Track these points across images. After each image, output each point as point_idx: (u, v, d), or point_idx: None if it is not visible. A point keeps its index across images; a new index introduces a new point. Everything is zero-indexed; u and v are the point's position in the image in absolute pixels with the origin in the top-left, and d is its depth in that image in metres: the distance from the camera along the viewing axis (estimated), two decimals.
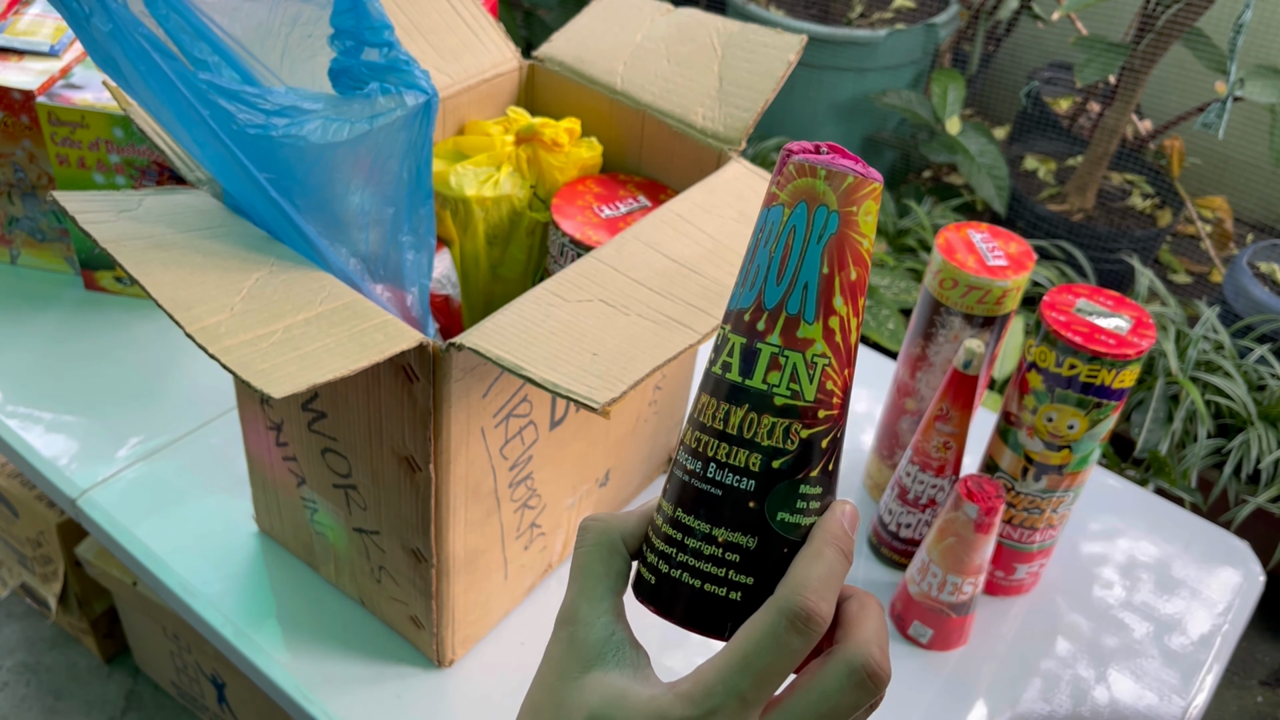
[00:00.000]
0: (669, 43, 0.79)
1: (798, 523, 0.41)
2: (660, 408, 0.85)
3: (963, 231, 0.82)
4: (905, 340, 0.86)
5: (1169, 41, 1.95)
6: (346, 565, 0.77)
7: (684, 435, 0.42)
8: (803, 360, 0.40)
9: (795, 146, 0.41)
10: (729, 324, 0.41)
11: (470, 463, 0.65)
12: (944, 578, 0.77)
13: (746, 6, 2.30)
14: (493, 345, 0.55)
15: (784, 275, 0.40)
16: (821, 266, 0.40)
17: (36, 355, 0.97)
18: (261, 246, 0.59)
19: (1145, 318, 0.74)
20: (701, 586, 0.41)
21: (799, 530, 0.41)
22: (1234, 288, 1.97)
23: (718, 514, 0.40)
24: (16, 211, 1.03)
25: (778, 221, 0.40)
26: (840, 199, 0.40)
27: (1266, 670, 1.78)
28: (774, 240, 0.40)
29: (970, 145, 2.13)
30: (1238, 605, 0.89)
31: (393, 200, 0.63)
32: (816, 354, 0.40)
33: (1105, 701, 0.80)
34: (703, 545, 0.41)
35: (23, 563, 1.46)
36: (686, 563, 0.41)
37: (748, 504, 0.40)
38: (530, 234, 0.80)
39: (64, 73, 0.98)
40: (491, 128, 0.78)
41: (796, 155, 0.41)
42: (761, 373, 0.40)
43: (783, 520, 0.40)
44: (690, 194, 0.68)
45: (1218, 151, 2.29)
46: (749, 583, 0.41)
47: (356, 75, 0.59)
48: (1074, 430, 0.75)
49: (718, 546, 0.40)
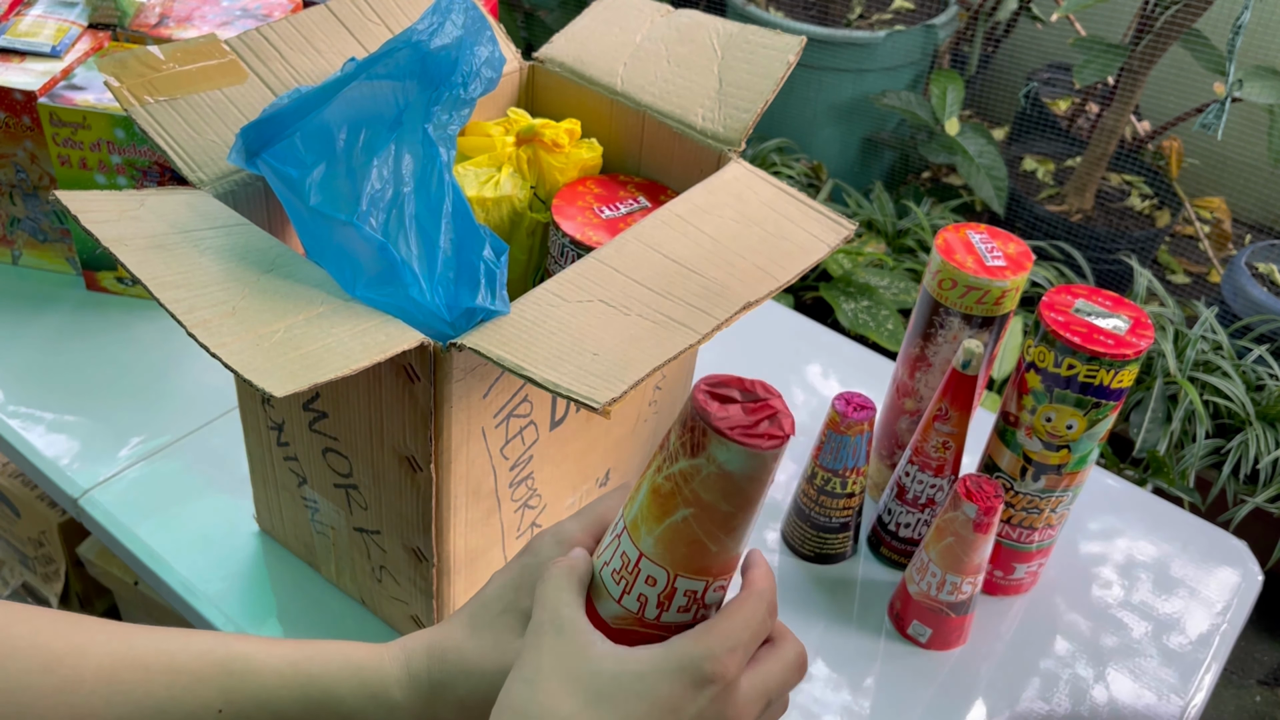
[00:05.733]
0: (669, 44, 0.79)
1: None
2: (660, 408, 0.85)
3: (961, 232, 0.82)
4: (904, 340, 0.87)
5: (1167, 42, 1.96)
6: (347, 565, 0.77)
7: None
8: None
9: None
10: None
11: (471, 462, 0.65)
12: (943, 577, 0.77)
13: (746, 8, 2.30)
14: (493, 345, 0.55)
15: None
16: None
17: (38, 355, 0.97)
18: (263, 246, 0.59)
19: (1143, 318, 0.74)
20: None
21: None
22: (1232, 288, 1.97)
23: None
24: (18, 212, 1.03)
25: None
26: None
27: (1265, 670, 1.79)
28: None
29: (969, 146, 2.13)
30: (1236, 605, 0.89)
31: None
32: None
33: (1104, 701, 0.80)
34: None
35: (24, 562, 1.47)
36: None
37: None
38: (531, 235, 0.81)
39: (65, 74, 0.98)
40: (492, 128, 0.79)
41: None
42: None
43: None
44: (690, 195, 0.69)
45: (1216, 152, 2.30)
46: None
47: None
48: (1072, 430, 0.75)
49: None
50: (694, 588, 0.44)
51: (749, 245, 0.65)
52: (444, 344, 0.57)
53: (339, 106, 0.60)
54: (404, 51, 0.62)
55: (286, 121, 0.61)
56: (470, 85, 0.63)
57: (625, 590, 0.45)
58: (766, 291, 0.62)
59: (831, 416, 0.80)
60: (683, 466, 0.42)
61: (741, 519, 0.43)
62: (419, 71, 0.62)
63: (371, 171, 0.59)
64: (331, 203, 0.59)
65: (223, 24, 1.05)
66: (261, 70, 0.70)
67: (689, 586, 0.44)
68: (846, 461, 0.81)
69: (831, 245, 0.67)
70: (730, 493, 0.42)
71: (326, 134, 0.60)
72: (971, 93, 2.52)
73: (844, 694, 0.79)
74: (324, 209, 0.58)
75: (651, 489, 0.44)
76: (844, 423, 0.80)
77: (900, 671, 0.80)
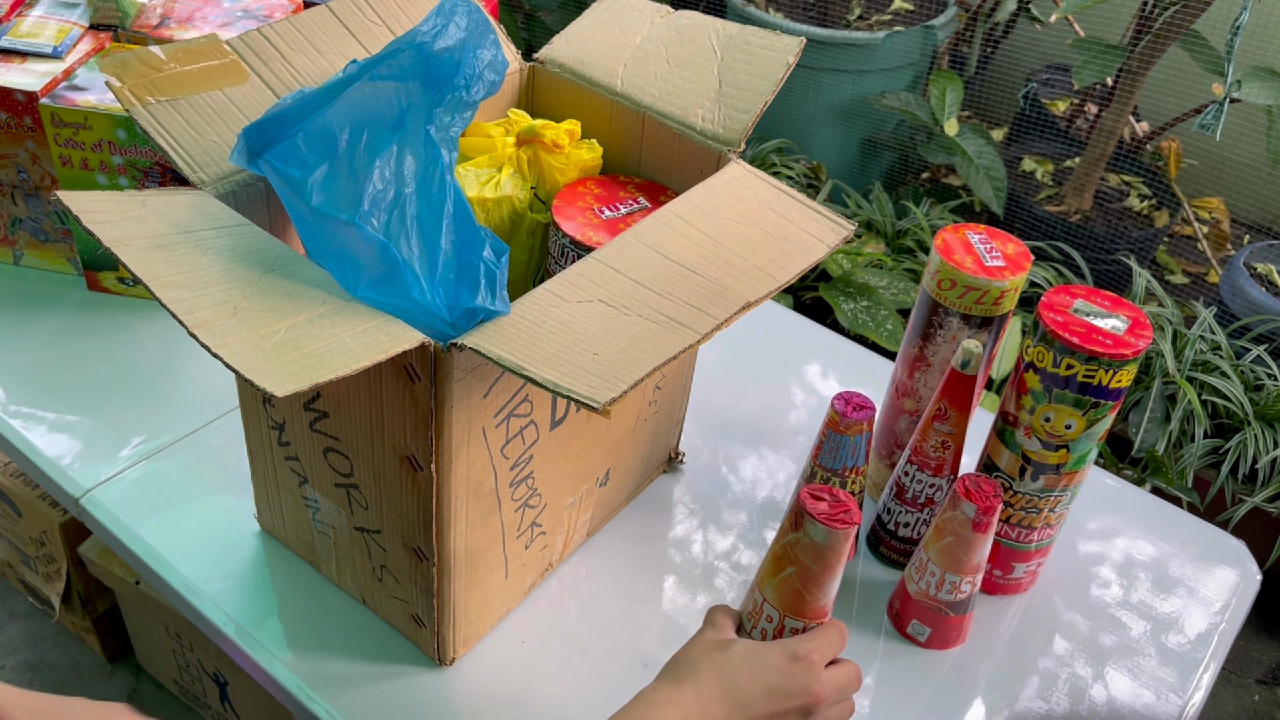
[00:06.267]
0: (669, 45, 0.80)
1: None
2: (660, 408, 0.85)
3: (960, 232, 0.82)
4: (903, 340, 0.87)
5: (1166, 43, 1.96)
6: (348, 564, 0.77)
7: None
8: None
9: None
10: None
11: (471, 462, 0.65)
12: (942, 576, 0.78)
13: (745, 9, 2.30)
14: (494, 345, 0.56)
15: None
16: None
17: (39, 355, 0.98)
18: (264, 246, 0.60)
19: (1142, 318, 0.74)
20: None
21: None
22: (1231, 288, 1.97)
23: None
24: (20, 212, 1.03)
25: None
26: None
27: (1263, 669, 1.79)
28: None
29: (968, 147, 2.14)
30: (1234, 604, 0.89)
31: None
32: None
33: (1102, 700, 0.81)
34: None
35: (26, 562, 1.47)
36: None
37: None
38: (531, 235, 0.81)
39: (67, 74, 0.99)
40: (492, 129, 0.79)
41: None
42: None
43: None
44: (690, 195, 0.69)
45: (1215, 153, 2.30)
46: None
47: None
48: (1071, 430, 0.75)
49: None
50: (796, 626, 0.65)
51: (748, 245, 0.65)
52: (445, 344, 0.57)
53: (342, 107, 0.61)
54: (407, 53, 0.62)
55: (289, 122, 0.61)
56: (473, 88, 0.64)
57: (754, 625, 0.66)
58: (766, 291, 0.62)
59: (831, 416, 0.81)
60: (789, 538, 0.63)
61: (826, 577, 0.63)
62: (422, 73, 0.62)
63: (374, 172, 0.60)
64: (333, 203, 0.59)
65: (224, 25, 1.05)
66: (263, 71, 0.70)
67: (793, 625, 0.65)
68: (846, 461, 0.81)
69: (831, 245, 0.67)
70: (817, 557, 0.62)
71: (329, 135, 0.60)
72: (970, 93, 2.52)
73: None
74: (326, 209, 0.59)
75: (772, 555, 0.65)
76: (843, 422, 0.80)
77: (899, 670, 0.80)
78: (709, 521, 0.90)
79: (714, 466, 0.95)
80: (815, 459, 0.83)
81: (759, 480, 0.95)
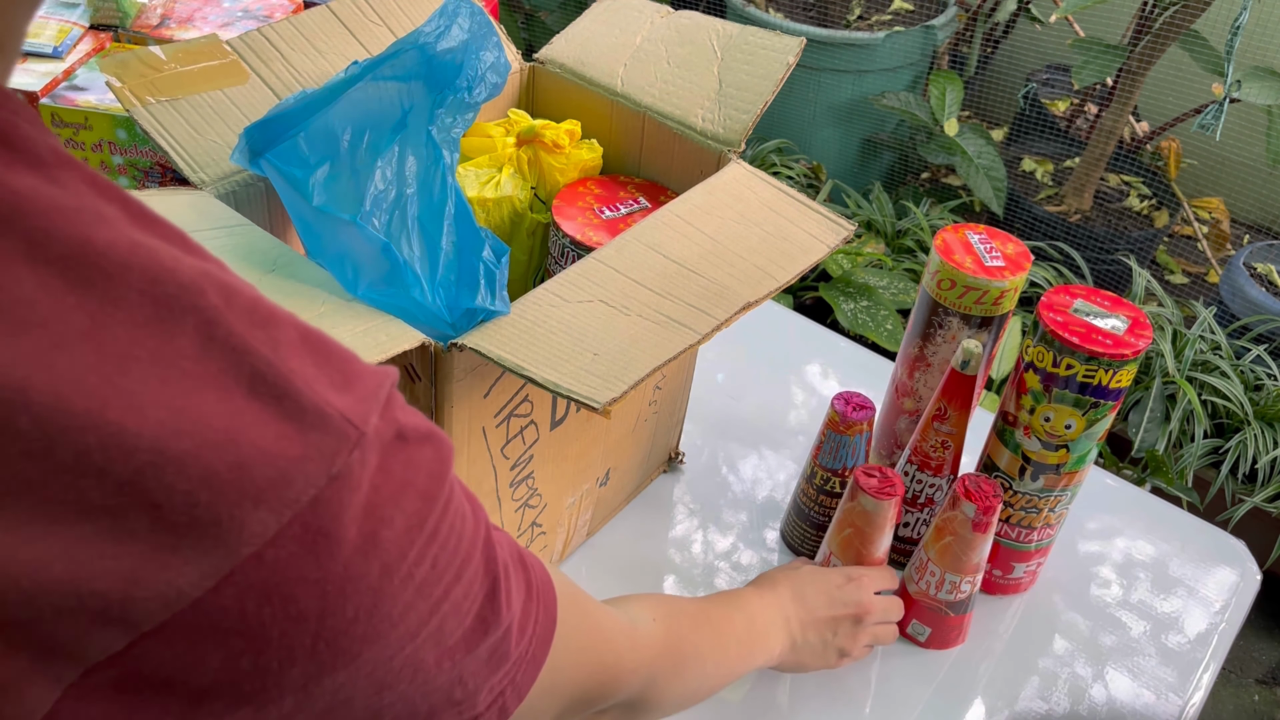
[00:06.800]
0: (669, 45, 0.80)
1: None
2: (660, 408, 0.85)
3: (960, 232, 0.82)
4: (903, 341, 0.87)
5: (1166, 43, 1.96)
6: None
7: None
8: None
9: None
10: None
11: (472, 462, 0.65)
12: (942, 576, 0.78)
13: (745, 9, 2.31)
14: (494, 345, 0.56)
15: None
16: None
17: None
18: (264, 246, 0.60)
19: (1142, 318, 0.74)
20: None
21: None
22: (1230, 288, 1.98)
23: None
24: None
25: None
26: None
27: (1263, 669, 1.79)
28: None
29: (968, 147, 2.14)
30: (1234, 604, 0.89)
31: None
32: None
33: (1102, 700, 0.81)
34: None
35: None
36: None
37: None
38: (531, 235, 0.81)
39: (67, 74, 0.99)
40: (493, 129, 0.79)
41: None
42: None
43: None
44: (690, 195, 0.69)
45: (1214, 153, 2.30)
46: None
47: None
48: (1071, 430, 0.76)
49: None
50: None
51: (749, 245, 0.65)
52: (445, 344, 0.57)
53: (344, 107, 0.61)
54: (410, 54, 0.62)
55: (290, 122, 0.61)
56: (475, 89, 0.64)
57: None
58: (766, 292, 0.62)
59: (831, 416, 0.81)
60: (848, 505, 0.77)
61: (876, 536, 0.78)
62: (425, 74, 0.62)
63: (375, 173, 0.60)
64: (335, 203, 0.59)
65: (224, 25, 1.06)
66: (263, 71, 0.70)
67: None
68: (846, 461, 0.82)
69: (831, 245, 0.67)
70: (869, 521, 0.77)
71: (331, 135, 0.60)
72: (970, 94, 2.53)
73: (843, 693, 0.79)
74: (328, 209, 0.59)
75: (836, 520, 0.79)
76: (843, 422, 0.80)
77: (899, 670, 0.81)
78: (709, 521, 0.90)
79: (714, 466, 0.95)
80: (815, 459, 0.83)
81: (759, 480, 0.95)
